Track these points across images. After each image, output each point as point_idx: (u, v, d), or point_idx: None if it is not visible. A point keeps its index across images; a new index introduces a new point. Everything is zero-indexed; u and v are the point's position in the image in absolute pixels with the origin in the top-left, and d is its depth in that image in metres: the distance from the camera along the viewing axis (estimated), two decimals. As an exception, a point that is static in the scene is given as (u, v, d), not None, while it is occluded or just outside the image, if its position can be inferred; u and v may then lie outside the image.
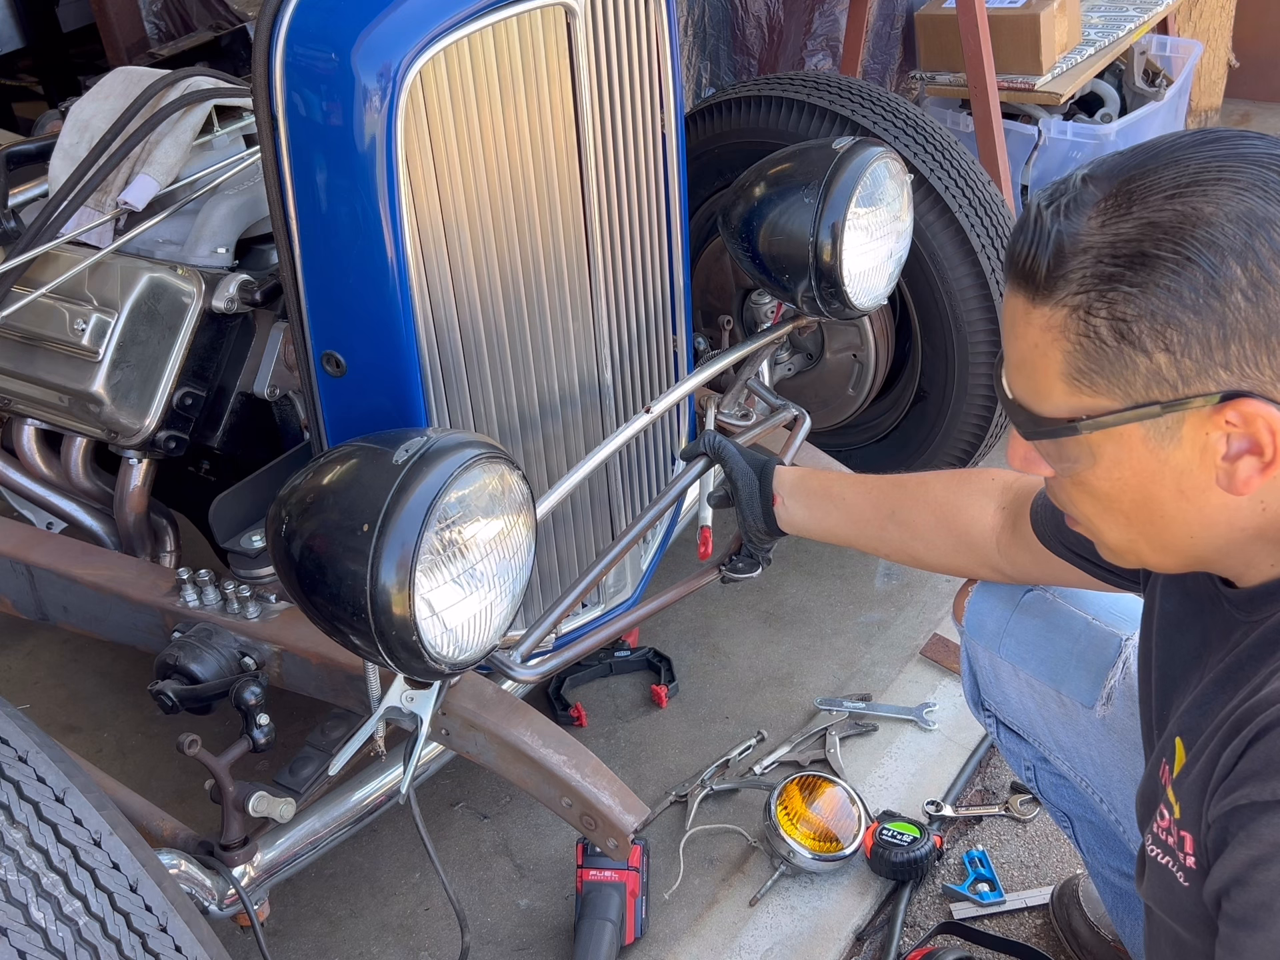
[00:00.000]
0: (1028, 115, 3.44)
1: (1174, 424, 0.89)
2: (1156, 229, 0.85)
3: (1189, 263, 0.83)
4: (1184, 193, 0.85)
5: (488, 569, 1.32)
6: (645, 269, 1.85)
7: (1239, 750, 0.89)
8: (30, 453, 2.00)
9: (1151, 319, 0.85)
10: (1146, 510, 0.95)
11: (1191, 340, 0.85)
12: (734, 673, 2.34)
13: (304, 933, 1.91)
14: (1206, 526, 0.94)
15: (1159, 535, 0.97)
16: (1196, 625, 1.07)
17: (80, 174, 1.80)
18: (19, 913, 1.01)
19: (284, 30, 1.37)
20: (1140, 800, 1.12)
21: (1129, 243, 0.86)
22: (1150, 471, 0.92)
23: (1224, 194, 0.84)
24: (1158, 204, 0.85)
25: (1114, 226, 0.86)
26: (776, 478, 1.57)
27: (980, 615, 1.54)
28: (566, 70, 1.57)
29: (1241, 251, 0.83)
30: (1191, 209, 0.84)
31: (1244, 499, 0.90)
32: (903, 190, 1.93)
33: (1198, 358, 0.85)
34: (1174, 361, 0.86)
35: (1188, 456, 0.90)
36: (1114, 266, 0.86)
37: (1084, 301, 0.88)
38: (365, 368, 1.54)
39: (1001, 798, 2.06)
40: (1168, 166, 0.87)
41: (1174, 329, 0.85)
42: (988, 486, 1.47)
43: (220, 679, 1.60)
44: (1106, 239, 0.86)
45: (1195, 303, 0.84)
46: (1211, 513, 0.92)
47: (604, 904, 1.79)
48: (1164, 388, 0.87)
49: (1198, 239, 0.83)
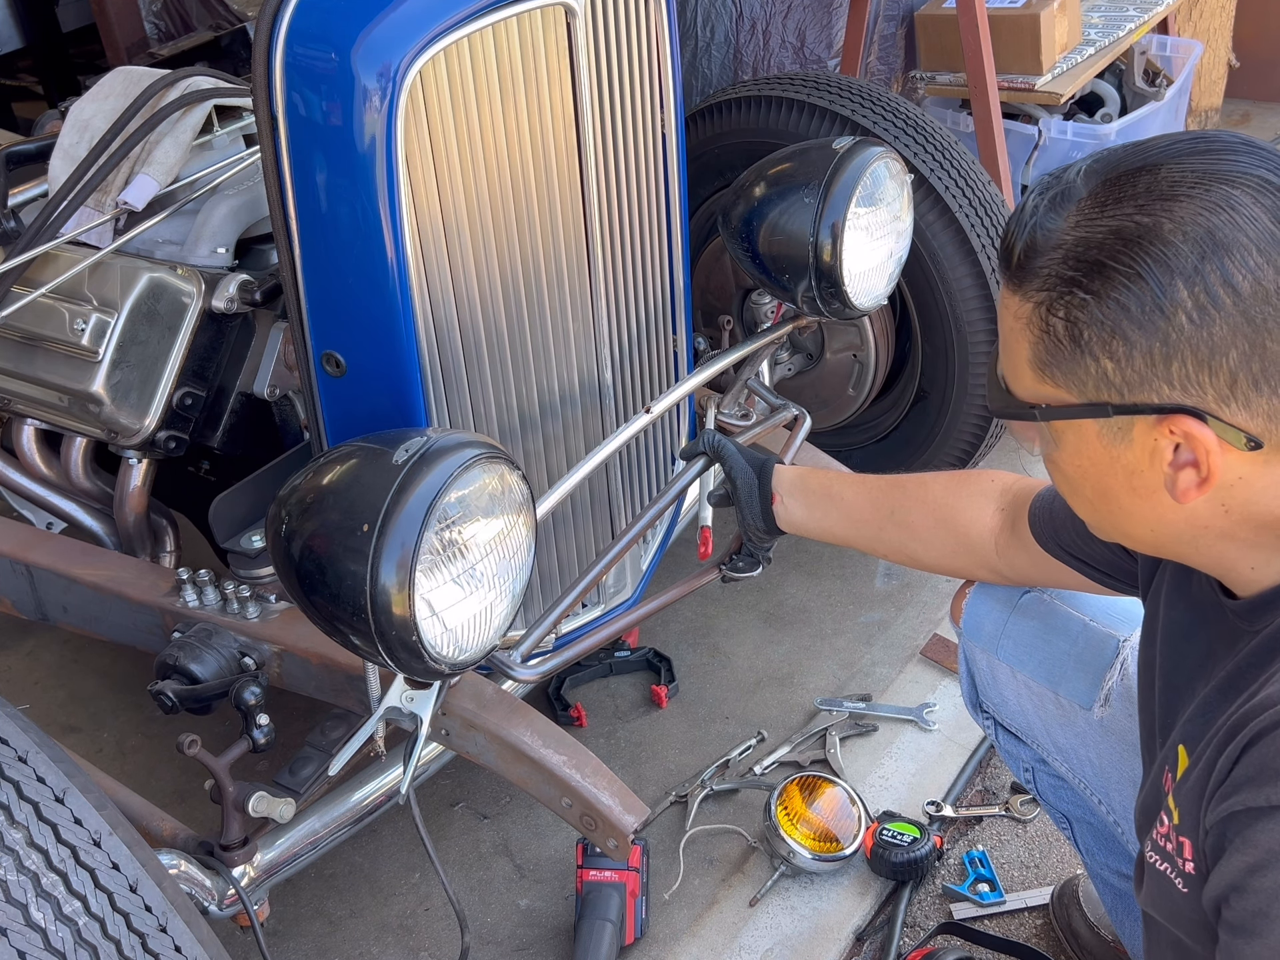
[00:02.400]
0: (1028, 115, 3.44)
1: (1125, 425, 0.91)
2: (1118, 239, 0.86)
3: (1139, 279, 0.85)
4: (1151, 205, 0.86)
5: (488, 569, 1.32)
6: (645, 269, 1.85)
7: (1234, 755, 0.90)
8: (30, 453, 2.00)
9: (1100, 327, 0.87)
10: (1105, 500, 0.98)
11: (1135, 353, 0.87)
12: (734, 673, 2.34)
13: (304, 933, 1.91)
14: (1164, 523, 0.96)
15: (1121, 523, 1.00)
16: (1202, 634, 1.07)
17: (80, 174, 1.80)
18: (19, 913, 1.01)
19: (284, 30, 1.37)
20: (1140, 810, 1.12)
21: (1092, 249, 0.87)
22: (1104, 466, 0.95)
23: (1187, 212, 0.84)
24: (1127, 213, 0.86)
25: (1085, 229, 0.88)
26: (776, 476, 1.57)
27: (978, 617, 1.54)
28: (566, 70, 1.57)
29: (1190, 274, 0.84)
30: (1154, 223, 0.85)
31: (1201, 501, 0.91)
32: (903, 190, 1.93)
33: (1141, 370, 0.87)
34: (1119, 370, 0.88)
35: (1137, 457, 0.92)
36: (1074, 271, 0.88)
37: (1046, 299, 0.90)
38: (365, 368, 1.54)
39: (1001, 798, 2.06)
40: (1149, 172, 0.87)
41: (1119, 340, 0.87)
42: (987, 488, 1.47)
43: (220, 679, 1.60)
44: (1074, 240, 0.88)
45: (1141, 318, 0.86)
46: (1165, 512, 0.94)
47: (604, 904, 1.79)
48: (1112, 391, 0.90)
49: (1151, 256, 0.85)
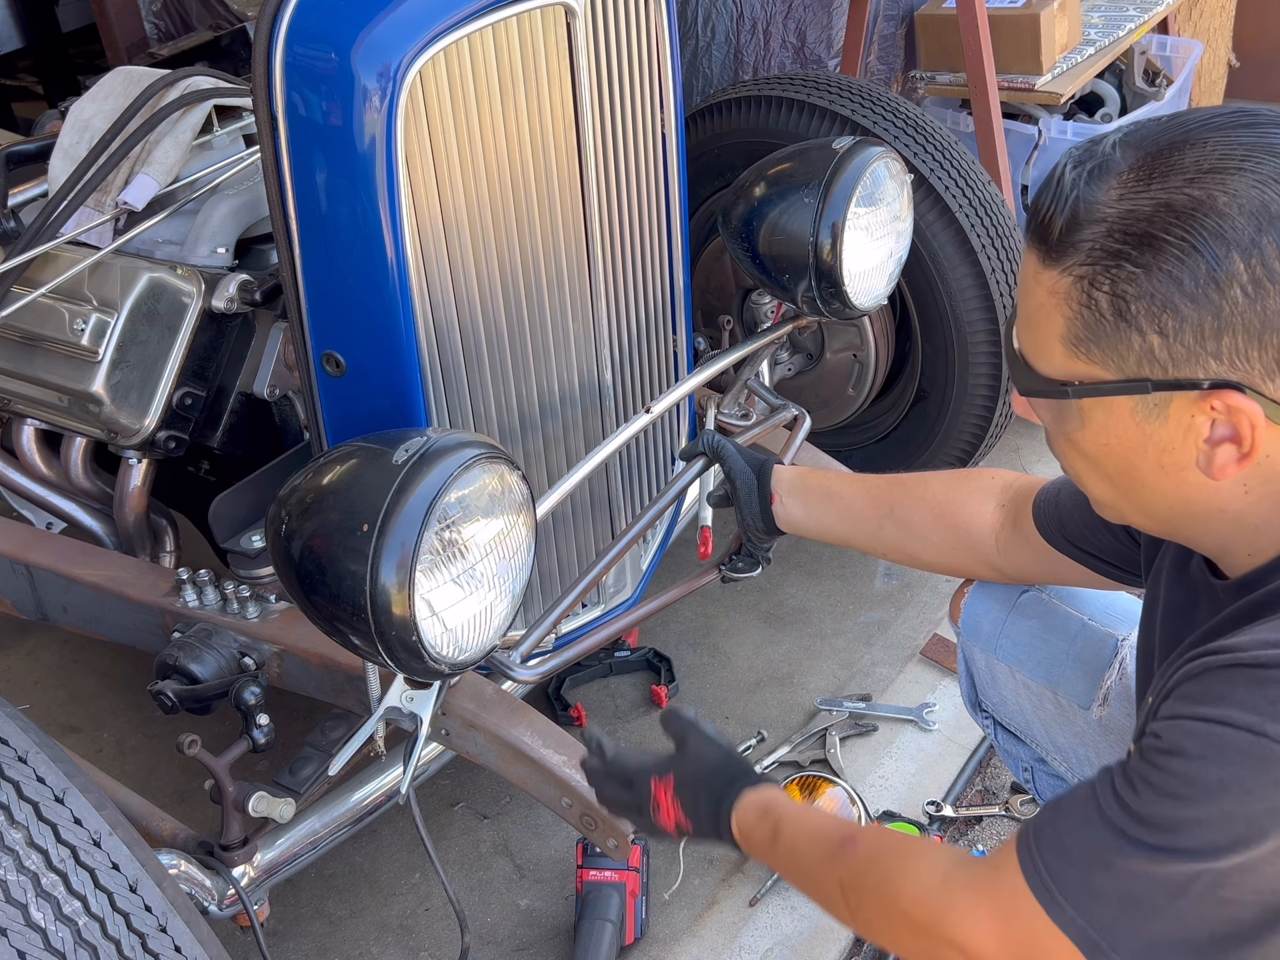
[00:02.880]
0: (1028, 115, 3.44)
1: (1162, 402, 0.90)
2: (1169, 211, 0.85)
3: (1194, 251, 0.84)
4: (1202, 179, 0.85)
5: (487, 569, 1.32)
6: (645, 269, 1.85)
7: (1188, 676, 0.91)
8: (30, 453, 2.00)
9: (1150, 301, 0.86)
10: (1128, 478, 0.97)
11: (1186, 327, 0.86)
12: (734, 673, 2.34)
13: (304, 933, 1.91)
14: (1185, 502, 0.95)
15: (1140, 501, 0.99)
16: (1197, 616, 1.08)
17: (80, 174, 1.80)
18: (19, 913, 1.02)
19: (284, 30, 1.37)
20: None
21: (1140, 221, 0.86)
22: (1134, 443, 0.94)
23: (1241, 185, 0.84)
24: (1176, 186, 0.85)
25: (1130, 201, 0.87)
26: (775, 476, 1.57)
27: (976, 616, 1.54)
28: (566, 70, 1.57)
29: (1247, 247, 0.83)
30: (1206, 196, 0.84)
31: (1225, 481, 0.91)
32: (903, 190, 1.93)
33: (1190, 345, 0.86)
34: (1166, 345, 0.87)
35: (1171, 435, 0.91)
36: (1122, 244, 0.87)
37: (1089, 273, 0.89)
38: (365, 368, 1.54)
39: (1001, 798, 2.06)
40: (1194, 146, 0.87)
41: (1170, 314, 0.86)
42: (987, 485, 1.47)
43: (220, 679, 1.60)
44: (1120, 213, 0.87)
45: (1194, 291, 0.85)
46: (1189, 491, 0.94)
47: (604, 904, 1.79)
48: (1155, 367, 0.89)
49: (1206, 228, 0.84)
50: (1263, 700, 0.84)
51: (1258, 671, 0.86)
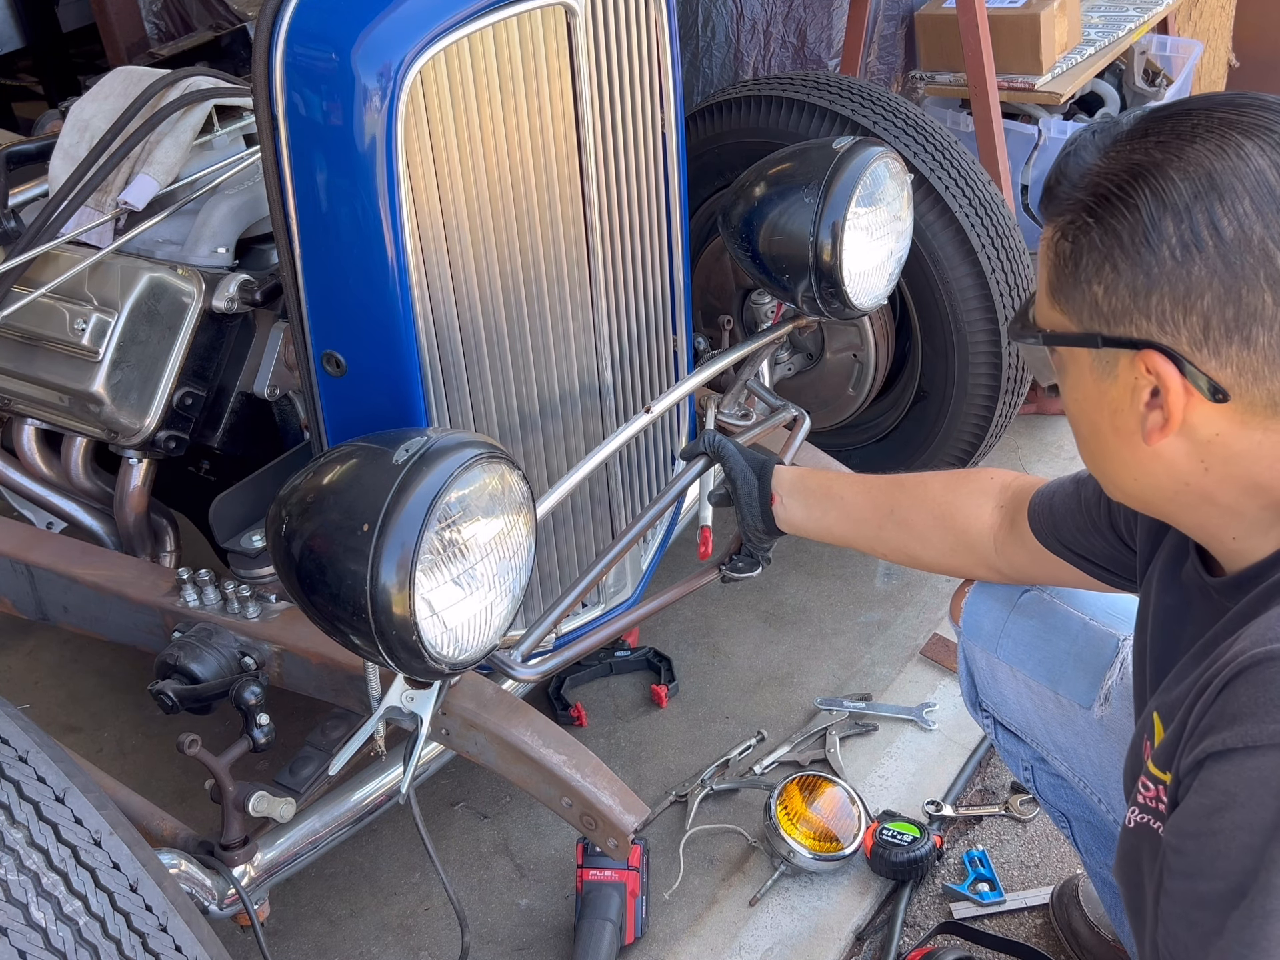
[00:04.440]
0: (1028, 115, 3.44)
1: (1111, 359, 0.94)
2: (1126, 170, 0.89)
3: (1135, 209, 0.88)
4: (1167, 143, 0.88)
5: (488, 569, 1.32)
6: (645, 269, 1.85)
7: (1203, 710, 0.91)
8: (30, 453, 2.00)
9: (1095, 253, 0.90)
10: (1096, 440, 1.00)
11: (1120, 282, 0.90)
12: (734, 673, 2.34)
13: (304, 933, 1.91)
14: (1145, 472, 0.97)
15: (1108, 469, 1.02)
16: (1190, 617, 1.08)
17: (80, 174, 1.80)
18: (19, 912, 1.02)
19: (284, 30, 1.37)
20: (1126, 774, 1.12)
21: (1105, 177, 0.90)
22: (1094, 401, 0.97)
23: (1195, 154, 0.87)
24: (1146, 148, 0.89)
25: (1109, 160, 0.91)
26: (775, 476, 1.57)
27: (977, 616, 1.54)
28: (566, 70, 1.57)
29: (1181, 211, 0.86)
30: (1162, 159, 0.88)
31: (1181, 454, 0.93)
32: (903, 190, 1.93)
33: (1124, 300, 0.90)
34: (1106, 297, 0.91)
35: (1120, 395, 0.94)
36: (1086, 196, 0.91)
37: (1063, 223, 0.94)
38: (365, 368, 1.54)
39: (1001, 798, 2.06)
40: (1179, 117, 0.90)
41: (1110, 267, 0.90)
42: (986, 486, 1.47)
43: (220, 679, 1.60)
44: (1098, 170, 0.91)
45: (1129, 248, 0.88)
46: (1145, 460, 0.96)
47: (604, 904, 1.79)
48: (1100, 321, 0.92)
49: (1149, 188, 0.87)
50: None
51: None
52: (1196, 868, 0.88)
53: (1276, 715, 0.83)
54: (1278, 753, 0.83)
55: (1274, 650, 0.85)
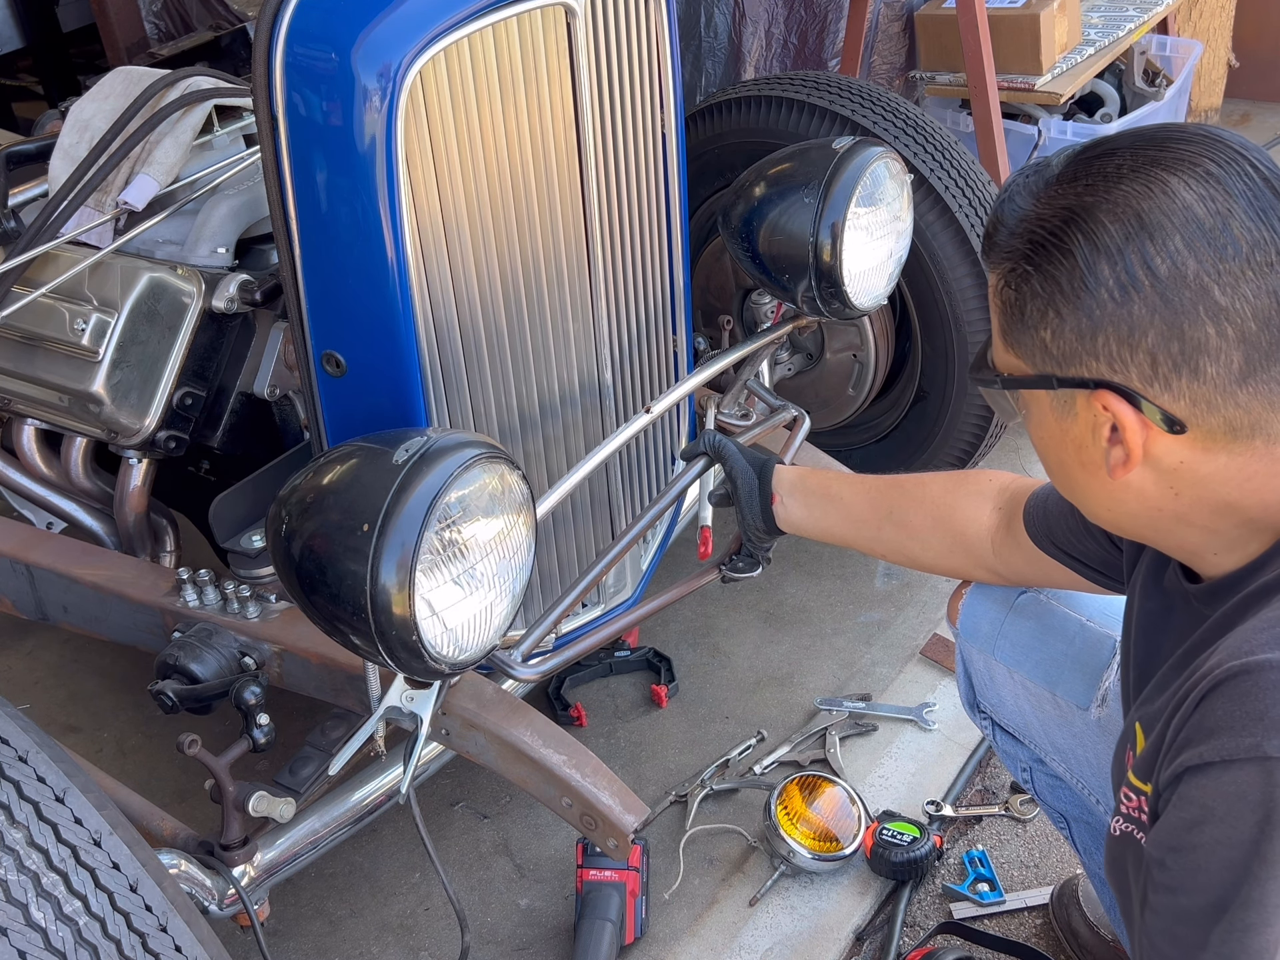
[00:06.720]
0: (1028, 115, 3.44)
1: (1069, 399, 0.94)
2: (1057, 216, 0.90)
3: (1070, 254, 0.89)
4: (1095, 186, 0.89)
5: (488, 569, 1.32)
6: (645, 269, 1.85)
7: (1180, 723, 0.91)
8: (30, 453, 2.00)
9: (1037, 299, 0.92)
10: (1065, 473, 1.01)
11: (1065, 326, 0.91)
12: (734, 673, 2.34)
13: (304, 933, 1.91)
14: (1118, 501, 0.98)
15: (1082, 500, 1.03)
16: (1172, 623, 1.08)
17: (80, 174, 1.80)
18: (19, 913, 1.02)
19: (284, 30, 1.37)
20: (1112, 782, 1.13)
21: (1039, 223, 0.91)
22: (1058, 438, 0.98)
23: (1122, 195, 0.87)
24: (1075, 192, 0.90)
25: (1043, 206, 0.92)
26: (775, 476, 1.57)
27: (975, 617, 1.54)
28: (566, 70, 1.57)
29: (1114, 253, 0.87)
30: (1092, 202, 0.88)
31: (1149, 482, 0.94)
32: (903, 190, 1.93)
33: (1072, 344, 0.91)
34: (1055, 341, 0.92)
35: (1082, 432, 0.95)
36: (1023, 244, 0.92)
37: (1004, 271, 0.95)
38: (365, 368, 1.54)
39: (1001, 798, 2.06)
40: (1107, 156, 0.91)
41: (1054, 312, 0.91)
42: (984, 487, 1.47)
43: (220, 679, 1.60)
44: (1033, 216, 0.92)
45: (1069, 292, 0.89)
46: (1115, 490, 0.97)
47: (604, 904, 1.79)
48: (1052, 363, 0.93)
49: (1081, 232, 0.88)
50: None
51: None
52: (1178, 882, 0.89)
53: (1252, 729, 0.84)
54: (1254, 766, 0.84)
55: (1249, 664, 0.86)
